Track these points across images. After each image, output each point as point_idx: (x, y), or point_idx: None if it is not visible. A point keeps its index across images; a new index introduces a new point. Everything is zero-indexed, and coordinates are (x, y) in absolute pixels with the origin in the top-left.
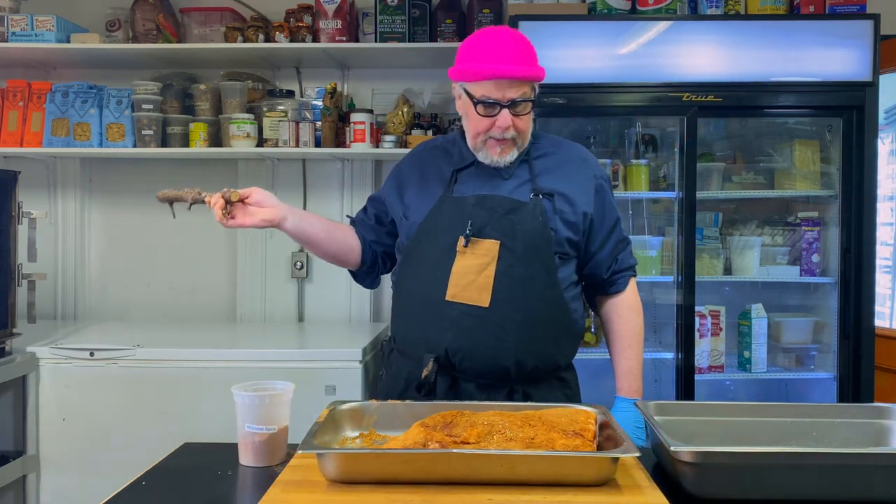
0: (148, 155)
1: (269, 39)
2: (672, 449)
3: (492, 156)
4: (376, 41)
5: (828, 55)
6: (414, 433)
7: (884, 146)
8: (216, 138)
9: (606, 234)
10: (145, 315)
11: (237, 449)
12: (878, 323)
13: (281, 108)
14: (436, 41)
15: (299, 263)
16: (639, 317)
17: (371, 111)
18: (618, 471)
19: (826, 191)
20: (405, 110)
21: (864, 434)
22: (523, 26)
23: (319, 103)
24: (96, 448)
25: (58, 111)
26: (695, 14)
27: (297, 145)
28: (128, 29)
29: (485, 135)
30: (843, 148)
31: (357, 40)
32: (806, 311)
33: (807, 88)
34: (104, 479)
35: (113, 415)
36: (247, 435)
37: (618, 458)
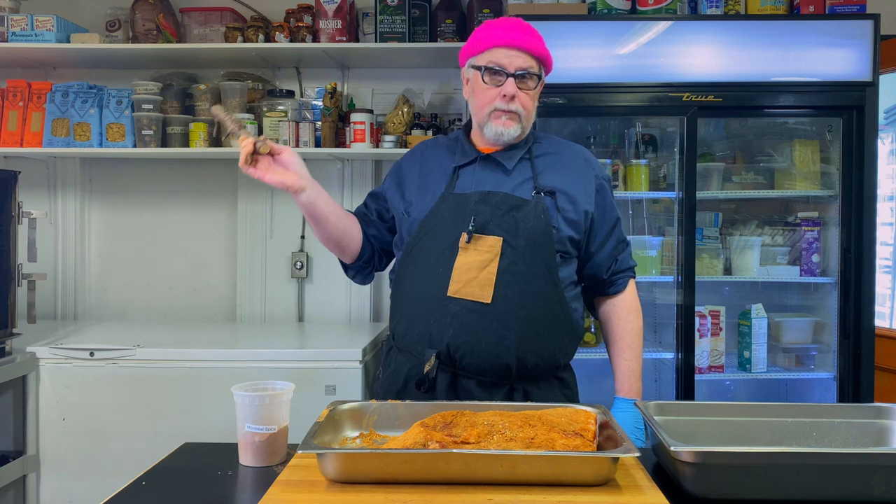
0: (148, 155)
1: (269, 39)
2: (672, 449)
3: (496, 127)
4: (376, 41)
5: (828, 55)
6: (414, 433)
7: (884, 146)
8: (216, 138)
9: (607, 234)
10: (145, 315)
11: (237, 449)
12: (878, 323)
13: (281, 108)
14: (436, 41)
15: (299, 263)
16: (638, 318)
17: (371, 111)
18: (618, 471)
19: (826, 191)
20: (405, 110)
21: (864, 434)
22: None
23: (319, 103)
24: (96, 448)
25: (58, 111)
26: (695, 14)
27: (297, 145)
28: (128, 29)
29: (490, 106)
30: (843, 148)
31: (357, 40)
32: (806, 311)
33: (807, 88)
34: (104, 479)
35: (113, 415)
36: (247, 435)
37: (618, 458)
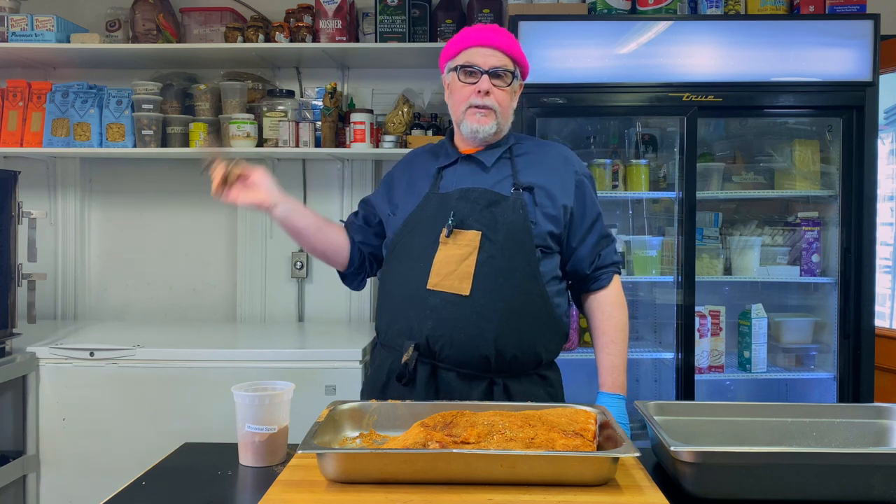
0: (148, 155)
1: (269, 39)
2: (672, 449)
3: (471, 124)
4: (376, 41)
5: (828, 55)
6: (414, 433)
7: (884, 146)
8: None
9: (587, 229)
10: (145, 315)
11: (237, 449)
12: (878, 323)
13: (281, 108)
14: (436, 41)
15: (299, 263)
16: (623, 313)
17: (371, 111)
18: (618, 471)
19: (826, 191)
20: (405, 110)
21: (864, 434)
22: (523, 26)
23: (319, 103)
24: (96, 448)
25: (58, 111)
26: (695, 14)
27: (297, 145)
28: (128, 29)
29: (466, 103)
30: (843, 148)
31: (357, 40)
32: (806, 311)
33: (807, 88)
34: (104, 479)
35: (113, 415)
36: (247, 435)
37: (618, 458)
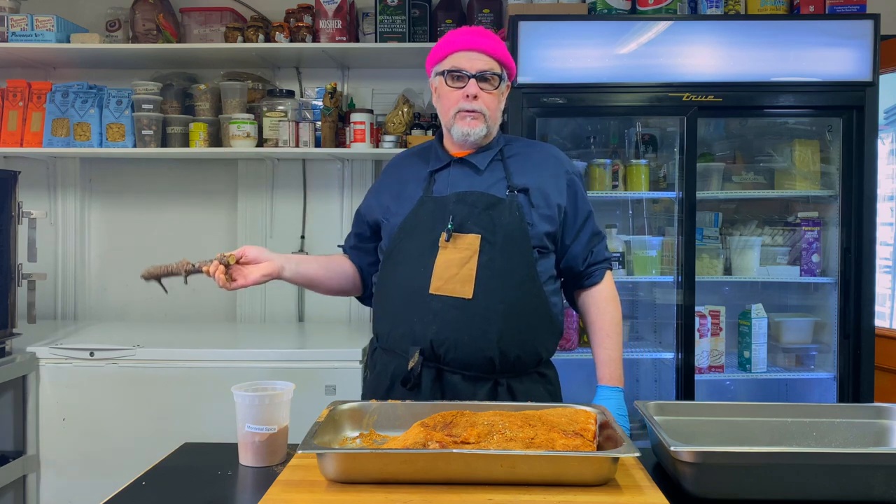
0: (148, 155)
1: (269, 39)
2: (672, 449)
3: (462, 128)
4: (376, 41)
5: (828, 55)
6: (414, 433)
7: (884, 146)
8: (216, 138)
9: (580, 227)
10: (145, 315)
11: (237, 449)
12: (878, 323)
13: (281, 108)
14: (436, 41)
15: None
16: (616, 308)
17: (371, 111)
18: (618, 471)
19: (826, 191)
20: (405, 110)
21: (864, 434)
22: (523, 26)
23: (319, 103)
24: (96, 448)
25: (58, 111)
26: (695, 14)
27: (297, 145)
28: (128, 29)
29: (455, 107)
30: (843, 148)
31: (357, 40)
32: (806, 311)
33: (807, 88)
34: (104, 479)
35: (113, 415)
36: (247, 435)
37: (618, 458)
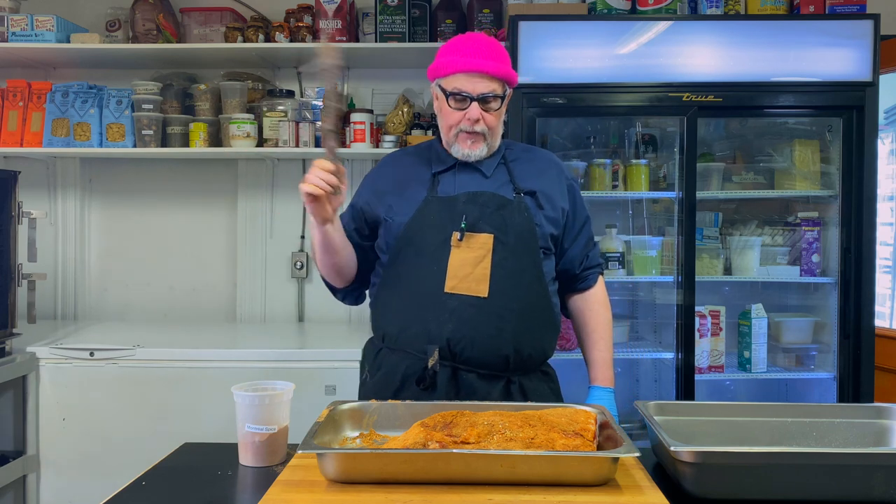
0: (148, 155)
1: (269, 39)
2: (672, 449)
3: (462, 149)
4: (376, 41)
5: (828, 55)
6: (414, 433)
7: (884, 146)
8: (216, 138)
9: (578, 230)
10: (145, 315)
11: (237, 449)
12: (878, 323)
13: (281, 108)
14: (436, 41)
15: (299, 263)
16: (608, 311)
17: (371, 111)
18: (618, 471)
19: (826, 191)
20: (405, 110)
21: (864, 434)
22: (523, 26)
23: (319, 103)
24: (96, 448)
25: (58, 111)
26: (695, 14)
27: (297, 145)
28: (128, 29)
29: (456, 128)
30: (843, 148)
31: (357, 40)
32: (806, 311)
33: (807, 88)
34: (104, 479)
35: (113, 415)
36: (247, 435)
37: (618, 458)
